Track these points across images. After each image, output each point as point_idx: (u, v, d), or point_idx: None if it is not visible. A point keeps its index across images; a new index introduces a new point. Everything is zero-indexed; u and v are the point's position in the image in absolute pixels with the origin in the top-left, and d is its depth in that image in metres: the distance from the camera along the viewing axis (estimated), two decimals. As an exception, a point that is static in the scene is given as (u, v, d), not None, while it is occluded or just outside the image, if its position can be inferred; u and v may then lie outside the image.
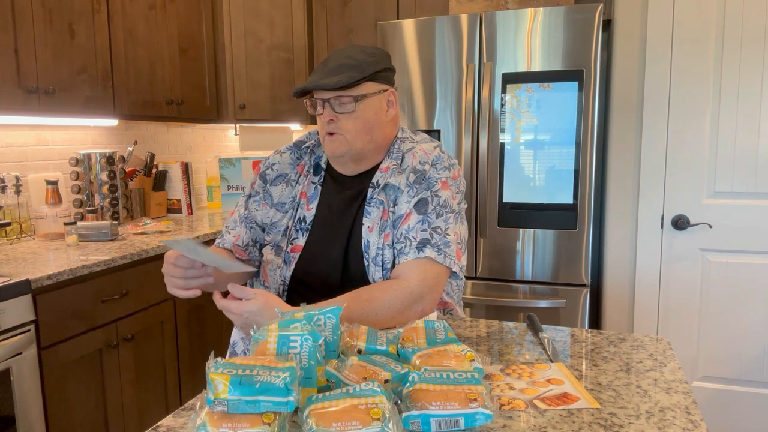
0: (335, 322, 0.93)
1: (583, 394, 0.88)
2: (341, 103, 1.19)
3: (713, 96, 2.27)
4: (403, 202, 1.22)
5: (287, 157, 1.36)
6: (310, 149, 1.35)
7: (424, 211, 1.20)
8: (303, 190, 1.32)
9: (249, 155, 3.53)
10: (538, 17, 2.28)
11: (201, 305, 2.41)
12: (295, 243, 1.28)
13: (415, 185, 1.23)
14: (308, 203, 1.30)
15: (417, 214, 1.20)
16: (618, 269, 2.49)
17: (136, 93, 2.49)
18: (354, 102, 1.19)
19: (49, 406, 1.73)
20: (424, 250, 1.16)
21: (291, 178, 1.34)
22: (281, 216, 1.31)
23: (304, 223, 1.29)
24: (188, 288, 1.13)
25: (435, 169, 1.26)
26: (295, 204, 1.31)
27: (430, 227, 1.19)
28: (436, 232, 1.18)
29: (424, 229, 1.18)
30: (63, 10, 2.12)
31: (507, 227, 2.40)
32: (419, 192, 1.22)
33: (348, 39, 3.05)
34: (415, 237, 1.18)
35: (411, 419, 0.75)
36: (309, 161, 1.34)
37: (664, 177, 2.36)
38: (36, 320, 1.67)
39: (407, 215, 1.20)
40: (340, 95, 1.19)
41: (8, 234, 2.22)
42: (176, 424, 0.82)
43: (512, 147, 2.36)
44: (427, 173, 1.24)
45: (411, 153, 1.27)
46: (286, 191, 1.32)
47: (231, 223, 1.36)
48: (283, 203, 1.32)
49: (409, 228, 1.19)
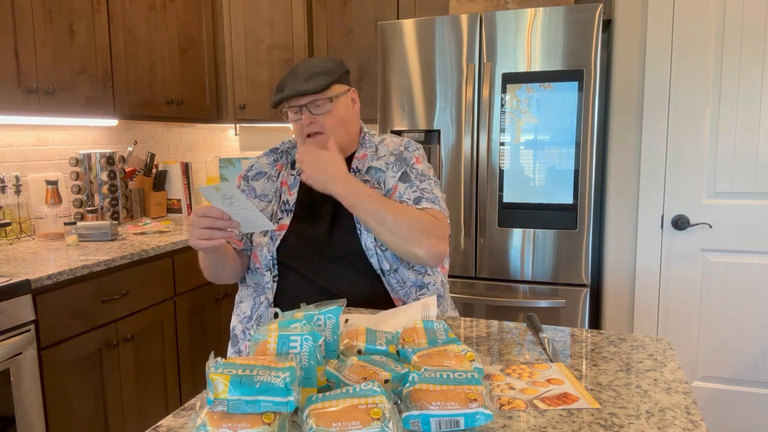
0: (335, 322, 0.93)
1: (583, 394, 0.88)
2: (317, 106, 1.36)
3: (713, 96, 2.27)
4: (389, 178, 1.40)
5: (264, 159, 1.53)
6: (285, 152, 1.53)
7: (408, 180, 1.39)
8: (283, 180, 1.48)
9: (249, 155, 3.53)
10: (538, 17, 2.28)
11: (201, 305, 2.41)
12: (280, 222, 1.42)
13: (396, 164, 1.42)
14: (289, 189, 1.46)
15: (403, 183, 1.38)
16: (618, 269, 2.49)
17: (136, 93, 2.49)
18: (330, 102, 1.36)
19: (49, 406, 1.73)
20: (421, 203, 1.34)
21: (271, 174, 1.50)
22: (266, 205, 1.46)
23: (288, 205, 1.44)
24: (213, 239, 1.20)
25: (407, 150, 1.46)
26: (278, 193, 1.47)
27: (419, 189, 1.37)
28: (424, 192, 1.37)
29: (414, 191, 1.37)
30: (63, 10, 2.12)
31: (507, 227, 2.40)
32: (399, 169, 1.40)
33: (348, 39, 3.05)
34: (409, 198, 1.35)
35: (411, 419, 0.75)
36: (286, 160, 1.52)
37: (664, 177, 2.36)
38: (36, 320, 1.67)
39: (394, 188, 1.38)
40: (316, 99, 1.35)
41: (8, 234, 2.22)
42: (176, 424, 0.82)
43: (512, 147, 2.36)
44: (403, 154, 1.44)
45: (384, 143, 1.47)
46: (268, 185, 1.48)
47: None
48: (266, 194, 1.47)
49: (401, 194, 1.36)
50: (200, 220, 1.19)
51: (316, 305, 0.97)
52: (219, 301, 2.51)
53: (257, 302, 1.42)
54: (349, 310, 1.34)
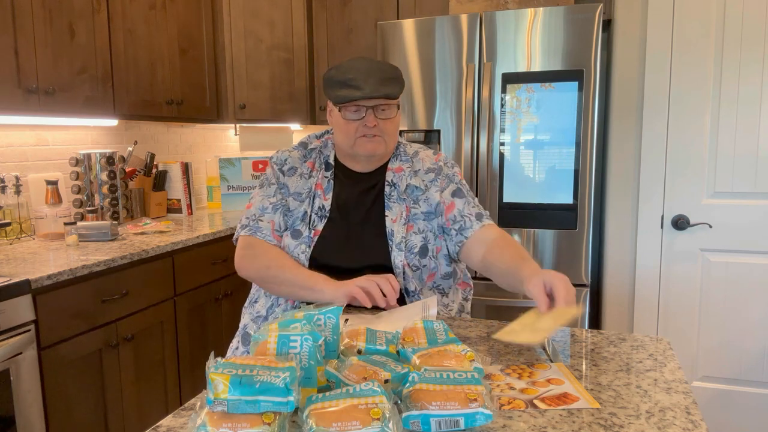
0: (335, 322, 0.93)
1: (583, 394, 0.88)
2: (383, 110, 1.35)
3: (713, 96, 2.27)
4: (433, 194, 1.42)
5: (296, 153, 1.49)
6: (317, 150, 1.50)
7: (462, 195, 1.43)
8: (318, 182, 1.46)
9: (249, 155, 3.53)
10: (538, 17, 2.28)
11: (201, 305, 2.41)
12: (315, 228, 1.41)
13: (437, 179, 1.44)
14: (324, 194, 1.44)
15: (459, 199, 1.42)
16: (618, 269, 2.49)
17: (136, 93, 2.49)
18: (397, 108, 1.39)
19: (49, 406, 1.73)
20: (483, 219, 1.40)
21: (303, 171, 1.47)
22: (298, 204, 1.44)
23: (324, 211, 1.43)
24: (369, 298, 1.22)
25: (448, 167, 1.48)
26: (312, 194, 1.45)
27: (476, 205, 1.43)
28: (478, 207, 1.43)
29: (473, 206, 1.42)
30: (63, 10, 2.12)
31: (507, 227, 2.40)
32: (446, 186, 1.43)
33: (348, 39, 3.05)
34: (470, 213, 1.40)
35: (411, 419, 0.75)
36: (319, 159, 1.49)
37: (664, 177, 2.36)
38: (36, 320, 1.67)
39: (450, 204, 1.41)
40: (387, 103, 1.35)
41: (8, 234, 2.22)
42: (176, 424, 0.82)
43: (512, 147, 2.36)
44: (443, 170, 1.46)
45: (418, 158, 1.47)
46: (300, 183, 1.46)
47: (258, 212, 1.44)
48: (300, 193, 1.45)
49: (461, 211, 1.40)
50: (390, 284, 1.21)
51: (316, 305, 0.97)
52: (219, 301, 2.51)
53: (276, 302, 1.41)
54: (349, 310, 1.34)
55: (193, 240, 2.31)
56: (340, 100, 1.33)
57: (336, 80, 1.34)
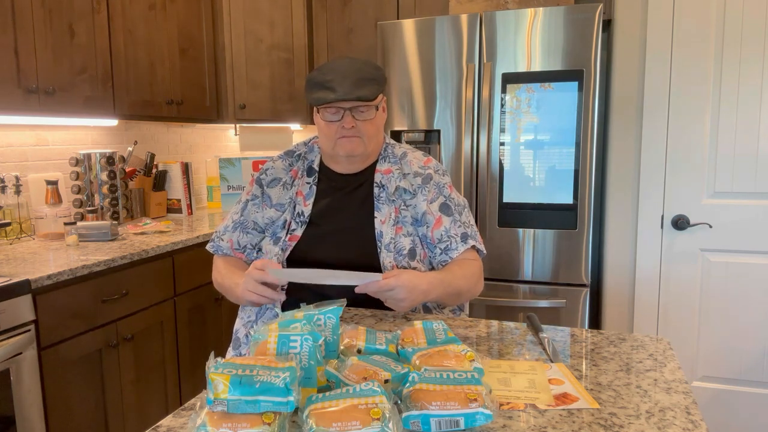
0: (335, 322, 0.93)
1: (583, 394, 0.88)
2: (362, 111, 1.35)
3: (713, 96, 2.27)
4: (421, 202, 1.40)
5: (280, 163, 1.50)
6: (301, 156, 1.51)
7: (450, 213, 1.41)
8: (299, 190, 1.46)
9: (249, 155, 3.53)
10: (538, 17, 2.28)
11: (201, 305, 2.41)
12: (293, 233, 1.42)
13: (424, 186, 1.42)
14: (305, 200, 1.44)
15: (447, 216, 1.40)
16: (618, 269, 2.49)
17: (136, 93, 2.49)
18: (375, 110, 1.38)
19: (49, 407, 1.73)
20: (467, 242, 1.39)
21: (286, 181, 1.47)
22: (280, 214, 1.45)
23: (303, 216, 1.43)
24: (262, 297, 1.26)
25: (438, 175, 1.45)
26: (293, 203, 1.45)
27: (462, 224, 1.42)
28: (465, 226, 1.42)
29: (459, 226, 1.41)
30: (63, 10, 2.12)
31: (507, 227, 2.40)
32: (435, 198, 1.41)
33: (348, 39, 3.05)
34: (456, 234, 1.39)
35: (411, 419, 0.75)
36: (302, 166, 1.50)
37: (664, 177, 2.36)
38: (36, 320, 1.67)
39: (438, 219, 1.40)
40: (363, 104, 1.34)
41: (8, 234, 2.22)
42: (176, 424, 0.82)
43: (512, 147, 2.36)
44: (433, 178, 1.43)
45: (406, 160, 1.45)
46: (283, 193, 1.46)
47: (221, 230, 1.52)
48: (282, 203, 1.45)
49: (447, 230, 1.39)
50: (256, 282, 1.24)
51: (316, 305, 0.97)
52: (219, 302, 2.51)
53: (264, 307, 1.42)
54: (349, 310, 1.34)
55: (193, 240, 2.31)
56: (315, 102, 1.34)
57: (315, 81, 1.35)
